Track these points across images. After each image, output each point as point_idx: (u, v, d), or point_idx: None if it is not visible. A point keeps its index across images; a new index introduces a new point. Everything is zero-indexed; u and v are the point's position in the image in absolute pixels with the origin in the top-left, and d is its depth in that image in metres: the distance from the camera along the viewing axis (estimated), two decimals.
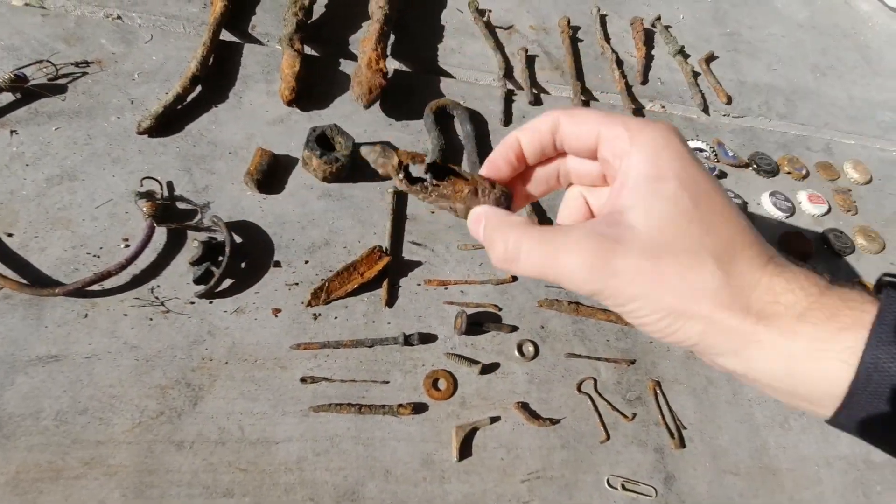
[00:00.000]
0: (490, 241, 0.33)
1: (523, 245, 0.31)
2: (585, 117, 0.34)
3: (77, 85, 0.77)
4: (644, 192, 0.30)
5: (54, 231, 0.66)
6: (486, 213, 0.35)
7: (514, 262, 0.32)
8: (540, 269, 0.31)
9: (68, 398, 0.58)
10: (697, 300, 0.29)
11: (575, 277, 0.30)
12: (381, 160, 0.34)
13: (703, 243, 0.29)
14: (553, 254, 0.30)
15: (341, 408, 0.64)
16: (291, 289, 0.70)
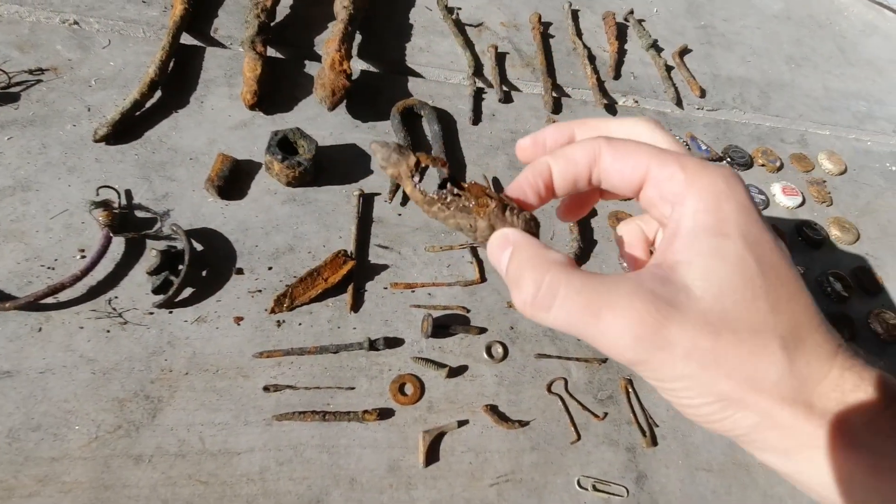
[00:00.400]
0: (517, 277, 0.28)
1: (560, 291, 0.26)
2: (633, 151, 0.29)
3: (31, 93, 0.75)
4: (702, 249, 0.26)
5: (6, 244, 0.65)
6: (518, 241, 0.29)
7: (544, 311, 0.26)
8: (575, 326, 0.26)
9: (21, 415, 0.57)
10: (757, 389, 0.24)
11: (618, 344, 0.25)
12: (394, 157, 0.30)
13: (769, 322, 0.25)
14: (595, 310, 0.25)
15: (305, 415, 0.63)
16: (254, 296, 0.69)
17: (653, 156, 0.28)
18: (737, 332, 0.24)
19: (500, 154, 0.91)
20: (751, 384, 0.24)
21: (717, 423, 0.26)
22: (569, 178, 0.31)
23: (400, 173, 0.30)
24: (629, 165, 0.29)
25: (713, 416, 0.26)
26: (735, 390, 0.25)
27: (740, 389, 0.25)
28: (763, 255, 0.25)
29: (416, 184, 0.30)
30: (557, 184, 0.31)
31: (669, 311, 0.24)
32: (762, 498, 0.71)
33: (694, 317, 0.24)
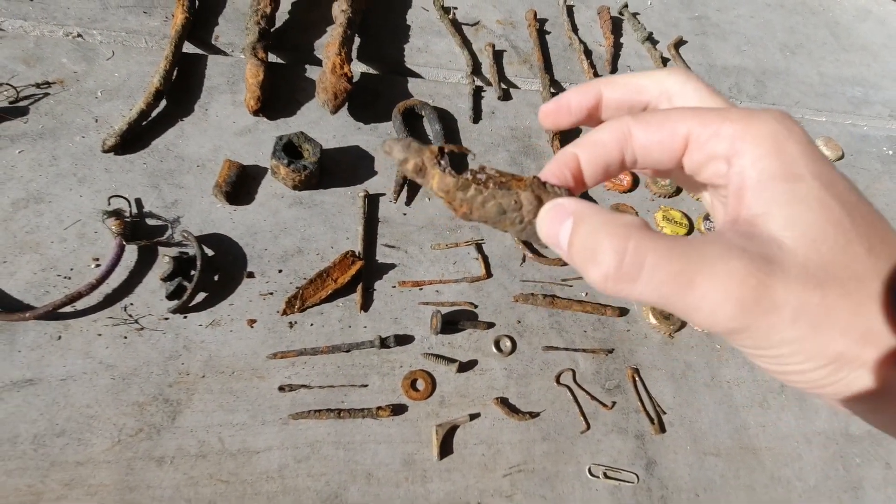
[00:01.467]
0: (591, 248, 0.24)
1: (648, 259, 0.22)
2: (666, 119, 0.26)
3: (39, 106, 0.76)
4: (778, 197, 0.23)
5: (23, 255, 0.66)
6: (579, 208, 0.25)
7: (630, 283, 0.23)
8: (666, 297, 0.22)
9: (45, 421, 0.58)
10: (872, 343, 0.22)
11: (718, 313, 0.22)
12: (414, 145, 0.27)
13: (869, 267, 0.22)
14: (688, 277, 0.22)
15: (320, 414, 0.64)
16: (266, 298, 0.70)
17: (690, 118, 0.25)
18: (842, 283, 0.22)
19: (500, 151, 0.93)
20: (864, 338, 0.22)
21: (826, 388, 0.23)
22: (599, 165, 0.28)
23: (424, 162, 0.27)
24: (665, 135, 0.26)
25: (823, 381, 0.23)
26: (851, 348, 0.22)
27: (856, 346, 0.22)
28: (842, 196, 0.23)
29: (444, 168, 0.27)
30: (587, 172, 0.28)
31: (771, 267, 0.21)
32: (769, 480, 0.73)
33: (796, 271, 0.21)
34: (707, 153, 0.25)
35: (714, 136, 0.25)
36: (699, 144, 0.25)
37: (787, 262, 0.22)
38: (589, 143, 0.28)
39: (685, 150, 0.26)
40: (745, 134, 0.24)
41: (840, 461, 0.77)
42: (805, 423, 0.78)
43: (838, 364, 0.22)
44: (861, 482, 0.76)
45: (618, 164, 0.28)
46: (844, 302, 0.22)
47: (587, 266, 0.24)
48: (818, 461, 0.76)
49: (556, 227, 0.26)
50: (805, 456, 0.76)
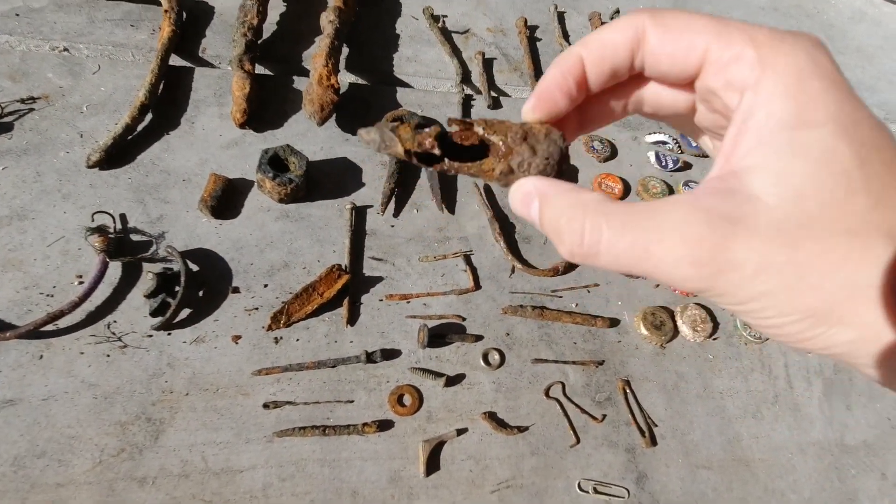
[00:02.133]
0: (555, 230, 0.25)
1: (603, 235, 0.23)
2: (687, 26, 0.24)
3: (24, 122, 0.76)
4: (779, 147, 0.21)
5: (5, 273, 0.66)
6: (543, 191, 0.26)
7: (592, 259, 0.24)
8: (628, 264, 0.23)
9: (25, 442, 0.58)
10: (853, 299, 0.21)
11: (675, 273, 0.22)
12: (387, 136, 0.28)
13: (871, 219, 0.21)
14: (644, 244, 0.22)
15: (305, 431, 0.64)
16: (251, 314, 0.70)
17: (712, 30, 0.23)
18: (824, 239, 0.21)
19: None
20: (845, 294, 0.21)
21: (808, 342, 0.22)
22: (605, 68, 0.26)
23: (397, 156, 0.28)
24: (682, 45, 0.24)
25: (802, 335, 0.22)
26: (825, 302, 0.21)
27: (832, 301, 0.21)
28: (863, 140, 0.21)
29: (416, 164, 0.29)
30: (592, 76, 0.26)
31: (729, 228, 0.21)
32: (763, 493, 0.72)
33: (764, 230, 0.21)
34: (724, 79, 0.23)
35: (735, 61, 0.22)
36: (717, 67, 0.23)
37: (754, 222, 0.21)
38: (596, 42, 0.26)
39: (699, 71, 0.24)
40: (767, 64, 0.22)
41: (835, 472, 0.75)
42: (799, 433, 0.77)
43: (814, 319, 0.21)
44: (856, 493, 0.75)
45: (626, 67, 0.26)
46: (822, 258, 0.21)
47: (556, 243, 0.25)
48: (813, 472, 0.75)
49: (525, 210, 0.27)
50: (799, 467, 0.75)
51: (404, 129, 0.28)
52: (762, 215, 0.21)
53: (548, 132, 0.28)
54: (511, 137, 0.28)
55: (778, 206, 0.21)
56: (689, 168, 1.02)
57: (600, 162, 0.97)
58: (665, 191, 0.95)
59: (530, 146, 0.27)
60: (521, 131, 0.28)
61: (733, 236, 0.21)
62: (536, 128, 0.28)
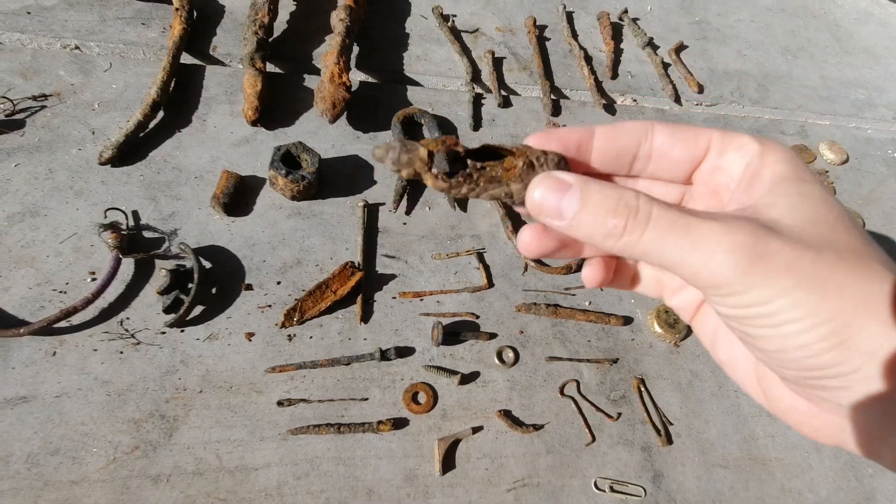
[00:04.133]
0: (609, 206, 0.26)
1: (654, 210, 0.25)
2: (691, 128, 0.29)
3: (36, 119, 0.76)
4: (787, 191, 0.25)
5: (18, 269, 0.65)
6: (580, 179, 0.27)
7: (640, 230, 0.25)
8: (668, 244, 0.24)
9: (39, 439, 0.57)
10: (872, 308, 0.22)
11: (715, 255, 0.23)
12: (403, 157, 0.27)
13: (868, 247, 0.24)
14: (687, 223, 0.24)
15: (320, 429, 0.63)
16: (264, 311, 0.69)
17: (716, 130, 0.29)
18: (839, 252, 0.23)
19: None
20: (865, 302, 0.22)
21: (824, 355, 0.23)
22: (612, 149, 0.30)
23: (416, 170, 0.27)
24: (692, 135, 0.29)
25: (822, 345, 0.23)
26: (847, 308, 0.22)
27: (854, 306, 0.22)
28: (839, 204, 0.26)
29: (435, 174, 0.27)
30: (598, 149, 0.30)
31: (767, 230, 0.24)
32: (780, 492, 0.71)
33: (792, 237, 0.24)
34: (726, 159, 0.28)
35: (742, 147, 0.28)
36: (721, 149, 0.29)
37: (783, 230, 0.24)
38: (609, 125, 0.30)
39: (705, 156, 0.29)
40: (767, 146, 0.27)
41: (852, 472, 0.75)
42: None
43: (836, 325, 0.23)
44: (874, 493, 0.74)
45: (630, 156, 0.30)
46: (840, 266, 0.23)
47: (603, 221, 0.26)
48: (829, 472, 0.74)
49: (555, 198, 0.27)
50: (816, 467, 0.74)
51: (427, 141, 0.28)
52: (786, 230, 0.24)
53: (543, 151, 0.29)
54: (516, 148, 0.28)
55: (796, 226, 0.24)
56: None
57: None
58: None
59: (540, 152, 0.28)
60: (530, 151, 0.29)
61: (769, 234, 0.23)
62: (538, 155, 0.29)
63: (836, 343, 0.23)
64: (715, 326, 0.34)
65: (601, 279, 0.34)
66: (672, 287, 0.36)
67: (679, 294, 0.36)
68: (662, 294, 0.37)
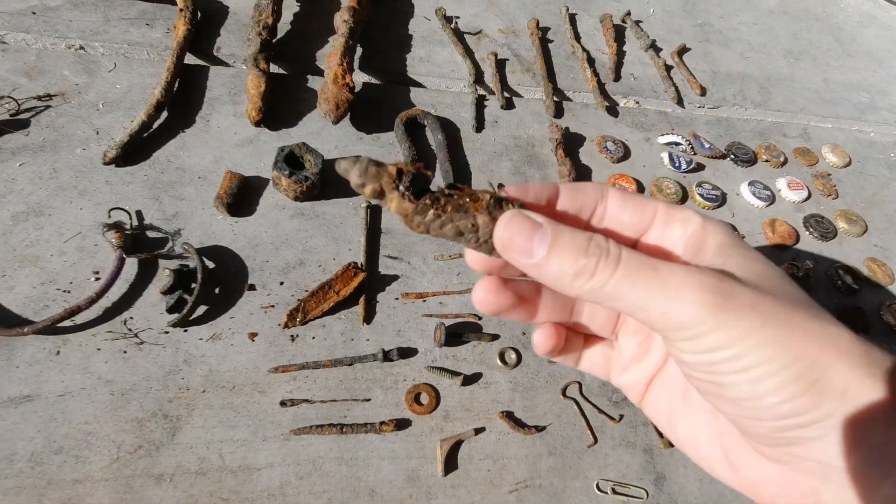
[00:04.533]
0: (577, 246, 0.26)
1: (623, 252, 0.26)
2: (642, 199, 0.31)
3: (40, 119, 0.76)
4: (731, 253, 0.27)
5: (22, 269, 0.65)
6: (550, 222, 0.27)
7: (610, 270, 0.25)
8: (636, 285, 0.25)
9: (42, 438, 0.57)
10: (837, 348, 0.23)
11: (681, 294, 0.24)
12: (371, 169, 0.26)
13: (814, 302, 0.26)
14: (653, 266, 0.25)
15: (323, 429, 0.63)
16: (267, 311, 0.70)
17: (661, 202, 0.31)
18: (793, 301, 0.25)
19: (504, 160, 0.92)
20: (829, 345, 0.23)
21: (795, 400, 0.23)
22: (575, 205, 0.31)
23: (382, 186, 0.26)
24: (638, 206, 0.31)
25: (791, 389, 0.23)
26: (813, 347, 0.23)
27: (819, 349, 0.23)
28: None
29: (402, 193, 0.26)
30: (563, 203, 0.31)
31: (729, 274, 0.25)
32: None
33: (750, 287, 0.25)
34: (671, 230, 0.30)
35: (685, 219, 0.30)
36: (666, 220, 0.30)
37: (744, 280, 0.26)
38: (571, 185, 0.31)
39: (651, 223, 0.31)
40: (708, 221, 0.29)
41: None
42: None
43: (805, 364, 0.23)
44: None
45: (589, 212, 0.31)
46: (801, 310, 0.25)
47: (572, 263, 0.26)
48: None
49: (525, 235, 0.27)
50: None
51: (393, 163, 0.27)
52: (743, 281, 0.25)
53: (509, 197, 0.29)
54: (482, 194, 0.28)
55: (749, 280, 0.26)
56: (702, 169, 1.01)
57: (613, 163, 0.97)
58: (679, 191, 0.95)
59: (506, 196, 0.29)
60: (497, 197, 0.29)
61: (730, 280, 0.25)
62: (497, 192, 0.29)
63: (807, 385, 0.23)
64: (669, 402, 0.34)
65: (552, 345, 0.35)
66: (621, 364, 0.36)
67: (627, 372, 0.36)
68: (609, 374, 0.37)
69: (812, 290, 0.90)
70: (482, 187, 0.85)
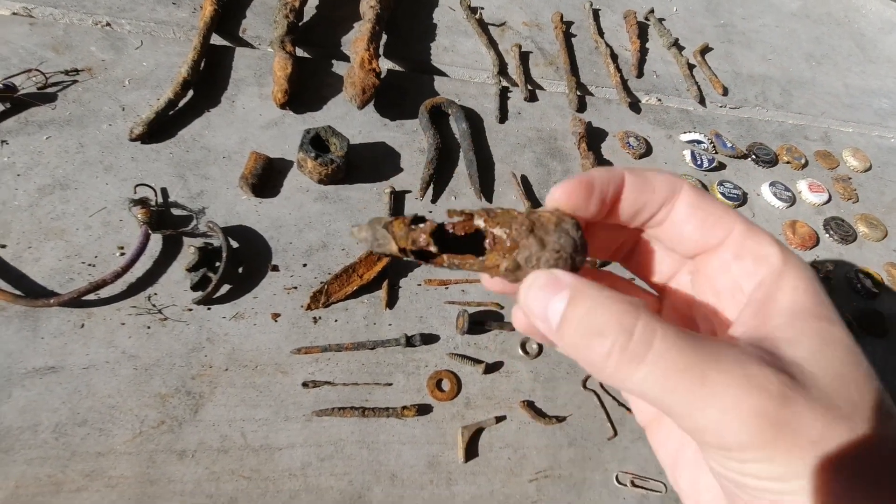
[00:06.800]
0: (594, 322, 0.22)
1: (657, 340, 0.20)
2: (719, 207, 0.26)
3: (67, 93, 0.76)
4: (809, 331, 0.22)
5: (48, 241, 0.65)
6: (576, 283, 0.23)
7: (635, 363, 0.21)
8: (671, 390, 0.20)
9: (67, 410, 0.57)
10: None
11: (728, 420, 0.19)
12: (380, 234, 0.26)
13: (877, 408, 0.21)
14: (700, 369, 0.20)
15: (344, 412, 0.63)
16: (290, 293, 0.69)
17: (741, 220, 0.25)
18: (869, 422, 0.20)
19: (526, 151, 0.92)
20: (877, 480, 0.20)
21: None
22: (639, 201, 0.26)
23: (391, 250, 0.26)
24: (711, 220, 0.26)
25: None
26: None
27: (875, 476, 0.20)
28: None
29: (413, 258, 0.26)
30: (626, 200, 0.26)
31: (793, 389, 0.20)
32: None
33: (820, 399, 0.20)
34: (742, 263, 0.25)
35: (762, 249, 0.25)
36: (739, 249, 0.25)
37: (811, 386, 0.20)
38: (641, 175, 0.26)
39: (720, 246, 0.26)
40: (789, 262, 0.24)
41: None
42: None
43: None
44: None
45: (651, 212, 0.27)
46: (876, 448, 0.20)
47: (587, 341, 0.21)
48: None
49: (544, 300, 0.23)
50: None
51: (398, 226, 0.26)
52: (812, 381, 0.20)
53: (559, 221, 0.25)
54: (516, 229, 0.25)
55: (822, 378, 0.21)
56: (723, 168, 1.01)
57: (635, 159, 0.97)
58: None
59: (538, 239, 0.24)
60: (528, 222, 0.25)
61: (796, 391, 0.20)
62: (545, 216, 0.25)
63: None
64: (678, 448, 0.29)
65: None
66: None
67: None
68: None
69: (832, 293, 0.90)
70: (506, 178, 0.85)
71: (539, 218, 0.25)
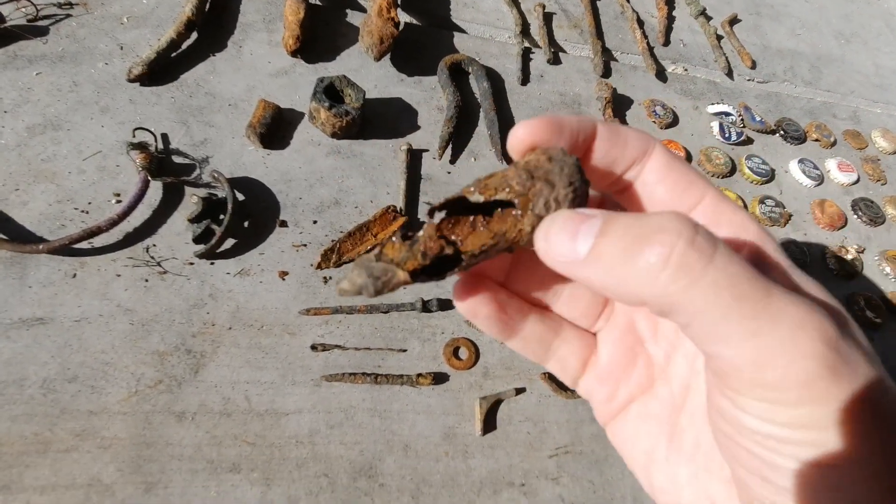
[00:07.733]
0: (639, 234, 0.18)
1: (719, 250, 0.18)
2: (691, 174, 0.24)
3: (60, 28, 0.70)
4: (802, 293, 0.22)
5: (38, 184, 0.60)
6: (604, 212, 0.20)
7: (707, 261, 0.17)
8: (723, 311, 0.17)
9: (56, 364, 0.52)
10: None
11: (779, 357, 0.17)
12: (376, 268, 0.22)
13: None
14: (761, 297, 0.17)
15: (356, 377, 0.59)
16: (299, 250, 0.65)
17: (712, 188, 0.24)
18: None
19: None
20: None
21: None
22: (611, 154, 0.24)
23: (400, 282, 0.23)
24: (683, 183, 0.24)
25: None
26: None
27: None
28: None
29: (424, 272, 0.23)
30: (598, 150, 0.24)
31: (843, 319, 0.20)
32: None
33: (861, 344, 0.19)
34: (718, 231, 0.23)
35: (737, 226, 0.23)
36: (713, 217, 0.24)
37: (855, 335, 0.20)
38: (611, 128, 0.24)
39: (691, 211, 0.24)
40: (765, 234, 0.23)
41: None
42: None
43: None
44: None
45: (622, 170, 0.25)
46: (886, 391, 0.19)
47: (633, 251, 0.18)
48: None
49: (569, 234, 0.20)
50: None
51: (392, 250, 0.23)
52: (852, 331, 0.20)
53: (549, 156, 0.22)
54: (517, 183, 0.22)
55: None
56: (751, 143, 0.97)
57: (661, 128, 0.92)
58: (728, 163, 0.90)
59: (544, 180, 0.22)
60: (524, 171, 0.22)
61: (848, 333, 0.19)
62: (533, 158, 0.22)
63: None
64: (650, 441, 0.26)
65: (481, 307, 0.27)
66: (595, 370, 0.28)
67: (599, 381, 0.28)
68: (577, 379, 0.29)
69: (859, 275, 0.86)
70: None
71: (528, 163, 0.22)
